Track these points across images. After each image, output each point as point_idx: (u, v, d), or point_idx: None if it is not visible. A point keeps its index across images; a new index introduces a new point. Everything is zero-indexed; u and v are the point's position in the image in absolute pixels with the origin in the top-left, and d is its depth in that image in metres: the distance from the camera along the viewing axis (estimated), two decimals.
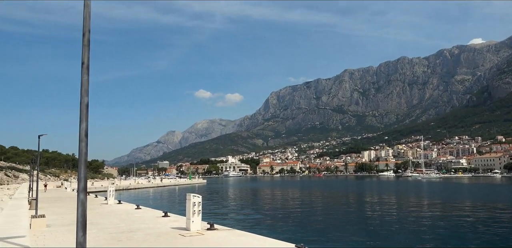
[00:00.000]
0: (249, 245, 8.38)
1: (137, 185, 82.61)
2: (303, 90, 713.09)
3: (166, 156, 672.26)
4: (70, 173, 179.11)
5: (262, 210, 31.38)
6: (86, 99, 3.68)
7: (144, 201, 40.47)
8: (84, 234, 3.17)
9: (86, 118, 3.63)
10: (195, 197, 10.69)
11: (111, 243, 9.04)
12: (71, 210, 17.85)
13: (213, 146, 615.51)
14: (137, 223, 12.69)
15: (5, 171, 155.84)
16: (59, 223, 13.24)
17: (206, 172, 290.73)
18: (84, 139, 3.54)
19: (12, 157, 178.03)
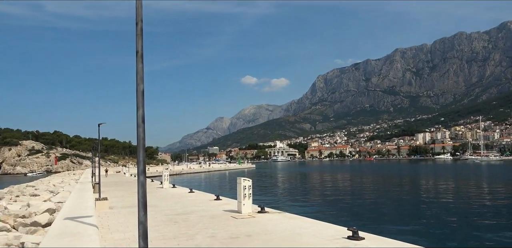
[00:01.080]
0: (300, 228, 8.44)
1: (189, 170, 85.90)
2: (351, 72, 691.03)
3: (215, 142, 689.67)
4: (128, 159, 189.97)
5: (311, 194, 31.41)
6: (142, 86, 3.83)
7: (197, 185, 42.03)
8: (145, 214, 3.36)
9: (142, 105, 3.79)
10: (245, 180, 10.89)
11: (168, 224, 9.51)
12: (130, 194, 19.02)
13: (261, 131, 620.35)
14: (191, 206, 13.21)
15: (70, 158, 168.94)
16: (120, 205, 14.15)
17: (255, 157, 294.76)
18: (141, 125, 3.71)
19: (76, 145, 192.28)
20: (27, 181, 41.09)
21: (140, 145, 3.72)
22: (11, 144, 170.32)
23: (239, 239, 7.43)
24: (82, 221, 5.65)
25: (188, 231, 8.42)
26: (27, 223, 8.95)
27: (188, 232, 8.30)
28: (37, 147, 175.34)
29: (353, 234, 7.14)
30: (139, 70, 3.89)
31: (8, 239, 6.99)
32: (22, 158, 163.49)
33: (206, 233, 8.15)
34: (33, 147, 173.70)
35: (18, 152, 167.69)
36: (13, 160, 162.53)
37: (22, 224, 8.89)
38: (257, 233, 7.94)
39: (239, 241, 7.20)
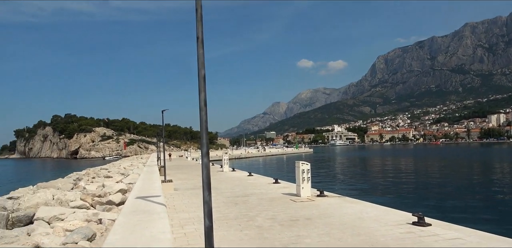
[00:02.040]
0: (361, 212, 8.27)
1: (248, 154, 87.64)
2: (414, 51, 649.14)
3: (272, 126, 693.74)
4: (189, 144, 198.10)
5: (372, 179, 30.56)
6: (203, 72, 3.91)
7: (255, 169, 42.84)
8: (209, 194, 3.49)
9: (204, 89, 3.88)
10: (304, 164, 10.85)
11: (229, 205, 9.82)
12: (192, 177, 19.90)
13: (318, 115, 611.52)
14: (250, 189, 13.50)
15: (138, 144, 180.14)
16: (183, 187, 14.87)
17: (312, 141, 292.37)
18: (204, 108, 3.81)
19: (142, 131, 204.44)
20: (102, 164, 44.76)
21: (203, 128, 3.82)
22: (86, 131, 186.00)
23: (299, 221, 7.47)
24: (151, 200, 6.04)
25: (248, 213, 8.64)
26: (103, 201, 9.78)
27: (249, 214, 8.51)
28: (108, 133, 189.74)
29: (418, 220, 6.84)
30: (200, 55, 3.97)
31: (88, 215, 7.71)
32: (96, 144, 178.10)
33: (266, 215, 8.30)
34: (104, 133, 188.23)
35: (92, 138, 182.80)
36: (88, 146, 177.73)
37: (99, 202, 9.74)
38: (317, 217, 7.92)
39: (298, 224, 7.24)
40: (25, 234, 6.67)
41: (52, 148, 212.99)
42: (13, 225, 8.01)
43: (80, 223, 6.99)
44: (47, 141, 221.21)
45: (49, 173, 59.60)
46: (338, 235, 6.30)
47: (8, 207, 9.66)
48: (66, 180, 18.01)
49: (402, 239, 5.92)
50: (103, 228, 6.41)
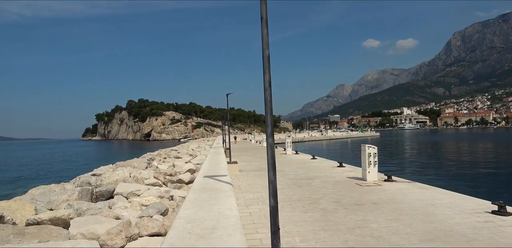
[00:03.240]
0: (433, 199, 7.80)
1: (311, 137, 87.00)
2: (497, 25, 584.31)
3: (336, 109, 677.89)
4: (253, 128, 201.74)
5: (445, 165, 28.68)
6: (267, 52, 3.87)
7: (318, 152, 42.44)
8: (274, 174, 3.50)
9: (269, 70, 3.84)
10: (370, 148, 10.47)
11: (292, 187, 9.87)
12: (256, 159, 20.28)
13: (385, 97, 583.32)
14: (314, 172, 13.41)
15: (204, 127, 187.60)
16: (247, 168, 15.22)
17: (379, 125, 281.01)
18: (268, 89, 3.79)
19: (208, 115, 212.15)
20: (172, 146, 47.45)
21: (268, 109, 3.81)
22: (157, 115, 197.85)
23: (365, 206, 7.28)
24: (218, 179, 6.28)
25: (312, 195, 8.61)
26: (173, 180, 10.40)
27: (313, 196, 8.48)
28: (177, 117, 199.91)
29: (499, 209, 6.29)
30: (264, 35, 3.92)
31: (160, 192, 8.26)
32: (166, 127, 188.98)
33: (330, 198, 8.20)
34: (173, 117, 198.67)
35: (163, 121, 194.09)
36: (159, 129, 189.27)
37: (170, 181, 10.37)
38: (384, 202, 7.65)
39: (364, 208, 7.05)
40: (107, 207, 7.36)
41: (127, 130, 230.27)
42: (97, 198, 8.87)
43: (154, 199, 7.51)
44: (123, 124, 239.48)
45: (126, 153, 64.75)
46: (408, 221, 6.03)
47: (92, 182, 10.71)
48: (140, 160, 19.43)
49: (480, 228, 5.50)
50: (175, 204, 6.83)
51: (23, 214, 6.92)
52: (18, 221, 6.58)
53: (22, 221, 6.57)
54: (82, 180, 11.17)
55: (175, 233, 2.87)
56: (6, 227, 5.94)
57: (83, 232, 4.98)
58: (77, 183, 11.36)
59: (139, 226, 4.83)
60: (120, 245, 4.35)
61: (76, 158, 60.86)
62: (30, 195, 9.80)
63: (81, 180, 11.34)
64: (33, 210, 7.19)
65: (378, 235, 5.34)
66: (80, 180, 11.48)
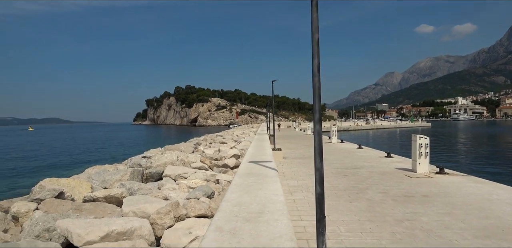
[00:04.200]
0: (490, 194, 7.31)
1: (356, 126, 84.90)
2: None
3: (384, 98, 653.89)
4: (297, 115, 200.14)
5: (504, 159, 26.82)
6: (317, 36, 3.73)
7: (364, 141, 41.34)
8: (321, 161, 3.42)
9: (318, 54, 3.72)
10: (422, 138, 9.99)
11: (338, 176, 9.70)
12: (300, 146, 20.14)
13: (438, 86, 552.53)
14: (360, 161, 13.09)
15: (248, 113, 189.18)
16: (291, 156, 15.17)
17: (430, 115, 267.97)
18: (317, 74, 3.67)
19: (253, 102, 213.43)
20: (217, 132, 48.46)
21: (316, 95, 3.70)
22: (203, 101, 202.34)
23: (414, 198, 6.99)
24: (264, 165, 6.30)
25: (358, 185, 8.41)
26: (219, 164, 10.62)
27: (358, 186, 8.29)
28: (222, 103, 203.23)
29: None
30: (314, 19, 3.78)
31: (206, 175, 8.47)
32: (212, 113, 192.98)
33: (377, 188, 7.97)
34: (219, 103, 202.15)
35: (209, 108, 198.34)
36: (205, 114, 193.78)
37: (216, 165, 10.60)
38: (435, 194, 7.29)
39: (414, 200, 6.78)
40: (156, 188, 7.69)
41: (175, 116, 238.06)
42: (147, 179, 9.29)
43: (200, 182, 7.73)
44: (171, 109, 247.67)
45: (173, 137, 67.13)
46: (461, 216, 5.71)
47: (143, 164, 11.22)
48: (187, 144, 20.05)
49: None
50: (220, 187, 6.97)
51: (80, 191, 7.42)
52: (76, 197, 7.07)
53: (80, 197, 7.05)
54: (134, 162, 11.74)
55: (222, 215, 2.92)
56: (66, 202, 6.41)
57: (135, 210, 5.24)
58: (129, 164, 11.96)
59: (187, 207, 4.98)
60: (169, 225, 4.53)
61: (127, 141, 64.14)
62: (87, 174, 10.49)
63: (132, 162, 11.93)
64: (89, 188, 7.69)
65: (429, 228, 5.11)
66: (132, 161, 12.07)
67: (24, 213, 5.97)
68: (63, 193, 6.84)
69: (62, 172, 21.99)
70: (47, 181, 7.40)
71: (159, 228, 4.50)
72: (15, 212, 5.96)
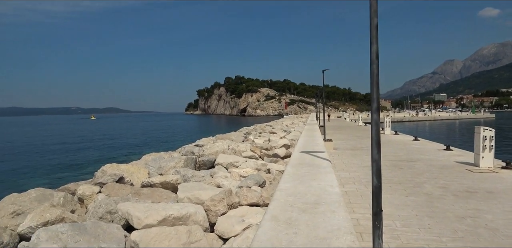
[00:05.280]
0: None
1: (412, 117, 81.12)
2: None
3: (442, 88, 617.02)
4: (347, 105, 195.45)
5: None
6: (375, 20, 3.54)
7: (420, 133, 39.40)
8: (378, 152, 3.28)
9: (376, 40, 3.53)
10: (486, 130, 9.28)
11: (392, 169, 9.34)
12: (351, 137, 19.64)
13: (504, 74, 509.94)
14: (416, 154, 12.50)
15: (297, 104, 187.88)
16: (342, 147, 14.83)
17: (494, 106, 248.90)
18: (375, 61, 3.49)
19: (302, 92, 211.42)
20: (266, 122, 48.70)
21: (374, 82, 3.54)
22: (252, 91, 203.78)
23: (477, 194, 6.54)
24: (316, 155, 6.21)
25: (414, 179, 8.05)
26: (269, 154, 10.66)
27: (415, 180, 7.93)
28: (271, 93, 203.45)
29: None
30: (373, 3, 3.58)
31: (257, 165, 8.54)
32: (260, 103, 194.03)
33: (436, 183, 7.56)
34: (268, 93, 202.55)
35: (258, 98, 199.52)
36: (254, 104, 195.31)
37: (266, 155, 10.65)
38: (502, 191, 6.77)
39: (477, 197, 6.34)
40: (209, 175, 7.89)
41: (225, 106, 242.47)
42: (199, 167, 9.57)
43: (251, 171, 7.81)
44: (221, 100, 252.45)
45: (223, 127, 68.55)
46: None
47: (195, 152, 11.56)
48: (238, 134, 20.34)
49: None
50: (271, 177, 6.99)
51: (138, 176, 7.81)
52: (135, 182, 7.46)
53: (138, 183, 7.43)
54: (187, 150, 12.14)
55: (277, 205, 2.90)
56: (125, 187, 6.79)
57: (190, 196, 5.41)
58: (183, 152, 12.39)
59: (239, 195, 5.05)
60: (222, 212, 4.62)
61: (180, 130, 66.58)
62: (144, 160, 11.03)
63: (185, 150, 12.34)
64: (146, 174, 8.07)
65: (494, 227, 4.76)
66: (185, 149, 12.49)
67: (88, 195, 6.41)
68: (123, 178, 7.24)
69: (121, 158, 23.38)
70: (108, 167, 7.87)
71: (213, 215, 4.61)
72: (81, 195, 6.42)
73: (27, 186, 14.74)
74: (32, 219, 4.94)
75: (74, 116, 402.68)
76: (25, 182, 17.25)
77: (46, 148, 36.27)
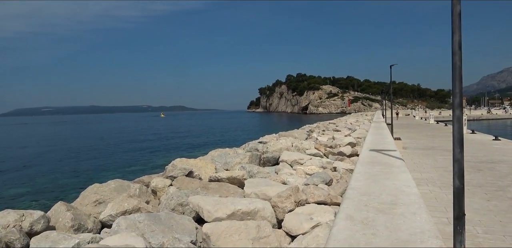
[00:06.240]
0: None
1: (490, 115, 74.38)
2: None
3: None
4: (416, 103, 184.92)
5: None
6: (458, 8, 3.27)
7: (501, 132, 35.94)
8: (461, 151, 3.02)
9: (459, 29, 3.26)
10: None
11: (470, 171, 8.65)
12: (421, 136, 18.51)
13: None
14: (497, 155, 11.44)
15: (361, 101, 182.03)
16: (412, 146, 14.03)
17: None
18: (458, 52, 3.22)
19: (366, 89, 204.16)
20: (328, 119, 47.80)
21: (456, 75, 3.27)
22: (314, 89, 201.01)
23: None
24: (386, 153, 5.93)
25: (496, 182, 7.37)
26: (334, 152, 10.42)
27: (497, 183, 7.25)
28: (333, 91, 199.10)
29: None
30: None
31: (322, 163, 8.39)
32: (323, 101, 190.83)
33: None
34: (330, 91, 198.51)
35: (320, 95, 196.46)
36: (316, 102, 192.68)
37: (331, 153, 10.43)
38: None
39: None
40: (274, 172, 7.93)
41: (286, 104, 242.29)
42: (264, 164, 9.65)
43: (317, 168, 7.69)
44: (283, 97, 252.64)
45: (285, 124, 68.60)
46: None
47: (259, 149, 11.68)
48: (300, 131, 20.19)
49: None
50: (338, 175, 6.83)
51: (206, 171, 8.08)
52: (203, 177, 7.73)
53: (206, 177, 7.69)
54: (251, 146, 12.31)
55: (351, 204, 2.80)
56: (194, 181, 7.06)
57: (256, 192, 5.47)
58: (247, 148, 12.59)
59: (306, 193, 4.99)
60: (289, 209, 4.60)
61: (243, 127, 67.93)
62: (210, 156, 11.39)
63: (249, 146, 12.52)
64: (213, 169, 8.32)
65: None
66: (249, 146, 12.68)
67: (161, 188, 6.77)
68: (192, 172, 7.54)
69: (188, 153, 24.46)
70: (178, 161, 8.24)
71: (280, 211, 4.60)
72: (154, 187, 6.80)
73: (105, 177, 16.07)
74: (112, 207, 5.33)
75: (145, 114, 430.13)
76: (103, 174, 18.80)
77: (123, 142, 39.27)
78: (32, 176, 19.03)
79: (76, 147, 34.79)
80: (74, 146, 36.67)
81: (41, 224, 4.65)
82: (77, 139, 47.72)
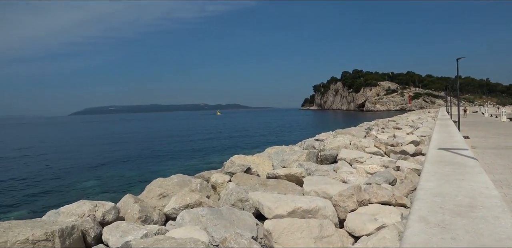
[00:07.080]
0: None
1: None
2: None
3: None
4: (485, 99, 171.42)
5: None
6: None
7: None
8: None
9: None
10: None
11: None
12: (492, 135, 17.08)
13: None
14: None
15: (423, 97, 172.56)
16: (482, 146, 12.99)
17: None
18: None
19: (428, 85, 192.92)
20: (387, 117, 45.89)
21: None
22: (371, 85, 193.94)
23: None
24: (457, 152, 5.53)
25: None
26: (396, 151, 9.95)
27: None
28: (392, 87, 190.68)
29: None
30: None
31: (383, 161, 8.05)
32: (380, 97, 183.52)
33: None
34: (389, 87, 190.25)
35: (377, 92, 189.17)
36: (373, 99, 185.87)
37: (392, 151, 9.97)
38: None
39: None
40: (332, 170, 7.76)
41: (342, 101, 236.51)
42: (321, 161, 9.48)
43: (378, 167, 7.39)
44: (338, 95, 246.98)
45: (341, 122, 67.02)
46: None
47: (316, 146, 11.51)
48: (358, 129, 19.59)
49: None
50: (402, 175, 6.50)
51: (263, 168, 8.12)
52: (260, 173, 7.78)
53: (263, 174, 7.73)
54: (308, 144, 12.17)
55: (424, 205, 2.63)
56: (253, 177, 7.12)
57: (316, 190, 5.38)
58: (303, 146, 12.47)
59: (369, 192, 4.81)
60: (351, 208, 4.46)
61: (298, 125, 67.54)
62: (267, 153, 11.44)
63: (306, 144, 12.39)
64: (270, 166, 8.34)
65: None
66: (306, 143, 12.55)
67: (220, 183, 6.93)
68: (250, 168, 7.62)
69: (244, 150, 24.81)
70: (236, 157, 8.38)
71: (342, 211, 4.48)
72: (214, 182, 6.97)
73: (167, 172, 16.83)
74: (176, 201, 5.54)
75: (203, 112, 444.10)
76: (164, 168, 19.70)
77: (182, 138, 40.96)
78: (101, 170, 20.51)
79: (140, 143, 36.91)
80: (138, 142, 38.94)
81: (112, 215, 4.97)
82: (141, 136, 50.60)
